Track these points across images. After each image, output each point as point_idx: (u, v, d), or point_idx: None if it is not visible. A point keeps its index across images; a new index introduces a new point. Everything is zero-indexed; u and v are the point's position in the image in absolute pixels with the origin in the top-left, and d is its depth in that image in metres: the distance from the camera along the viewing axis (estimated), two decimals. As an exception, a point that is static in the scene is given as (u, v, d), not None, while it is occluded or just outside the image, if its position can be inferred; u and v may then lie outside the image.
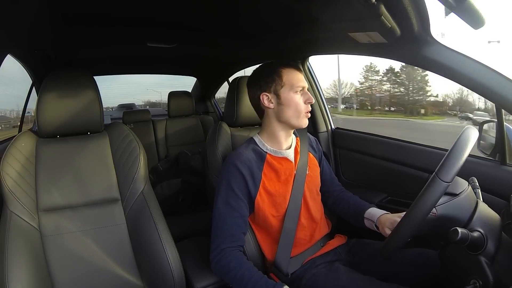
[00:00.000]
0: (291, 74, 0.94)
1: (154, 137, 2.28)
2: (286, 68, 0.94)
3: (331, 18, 1.01)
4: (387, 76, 10.69)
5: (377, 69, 10.52)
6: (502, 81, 0.79)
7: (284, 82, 0.93)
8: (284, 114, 0.94)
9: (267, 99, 0.94)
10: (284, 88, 0.93)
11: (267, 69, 0.96)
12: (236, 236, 0.87)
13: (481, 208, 0.70)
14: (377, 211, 0.96)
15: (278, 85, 0.93)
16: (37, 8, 0.98)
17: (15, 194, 0.85)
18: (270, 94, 0.94)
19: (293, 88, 0.92)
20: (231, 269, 0.82)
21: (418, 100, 10.43)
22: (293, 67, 0.95)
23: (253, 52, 1.66)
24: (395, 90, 10.80)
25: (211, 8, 1.18)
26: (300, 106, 0.93)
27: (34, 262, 0.81)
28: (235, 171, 0.90)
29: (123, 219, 0.97)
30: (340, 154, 1.51)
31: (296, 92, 0.93)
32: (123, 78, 4.32)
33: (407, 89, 10.45)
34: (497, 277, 0.63)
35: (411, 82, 10.29)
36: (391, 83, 10.83)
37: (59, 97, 0.96)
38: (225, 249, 0.85)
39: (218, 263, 0.84)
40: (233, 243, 0.86)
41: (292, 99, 0.92)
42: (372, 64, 10.49)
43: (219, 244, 0.86)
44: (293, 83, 0.92)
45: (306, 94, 0.94)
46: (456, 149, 0.63)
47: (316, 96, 1.54)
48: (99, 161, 1.00)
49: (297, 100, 0.93)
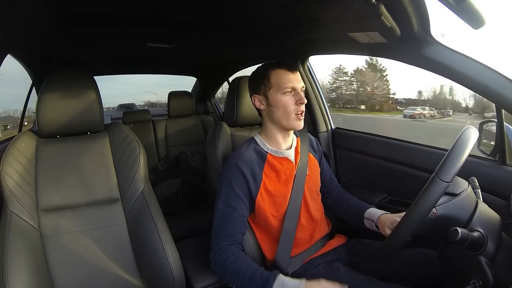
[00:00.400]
0: (279, 75, 0.92)
1: (154, 137, 2.27)
2: (275, 69, 0.93)
3: (331, 18, 1.01)
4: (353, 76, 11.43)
5: (345, 71, 11.27)
6: (502, 81, 0.79)
7: (272, 83, 0.93)
8: (274, 116, 0.94)
9: (258, 101, 0.96)
10: (272, 90, 0.93)
11: (258, 71, 0.97)
12: (235, 236, 0.87)
13: (481, 208, 0.70)
14: (377, 211, 0.96)
15: (267, 87, 0.94)
16: (37, 8, 0.98)
17: (15, 194, 0.85)
18: (260, 96, 0.95)
19: (281, 89, 0.92)
20: (228, 264, 0.82)
21: (374, 98, 11.44)
22: (283, 68, 0.93)
23: (253, 52, 1.66)
24: (355, 89, 11.63)
25: (211, 8, 1.17)
26: (289, 108, 0.91)
27: (34, 262, 0.81)
28: (236, 171, 0.90)
29: (123, 219, 0.97)
30: (340, 154, 1.51)
31: (284, 93, 0.91)
32: (124, 78, 4.31)
33: (365, 89, 11.35)
34: (497, 277, 0.63)
35: (368, 83, 11.13)
36: (353, 83, 11.67)
37: (59, 97, 0.96)
38: (223, 247, 0.85)
39: (217, 261, 0.84)
40: (232, 242, 0.86)
41: (280, 101, 0.92)
42: (341, 66, 11.30)
43: (218, 243, 0.86)
44: (281, 84, 0.92)
45: (298, 94, 0.92)
46: (456, 149, 0.63)
47: (316, 96, 1.53)
48: (99, 161, 1.00)
49: (285, 102, 0.91)
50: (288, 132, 0.98)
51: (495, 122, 0.98)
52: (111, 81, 3.65)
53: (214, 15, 1.26)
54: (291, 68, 0.94)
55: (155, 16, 1.25)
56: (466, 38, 2.20)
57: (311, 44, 1.34)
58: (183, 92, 2.41)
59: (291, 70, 0.93)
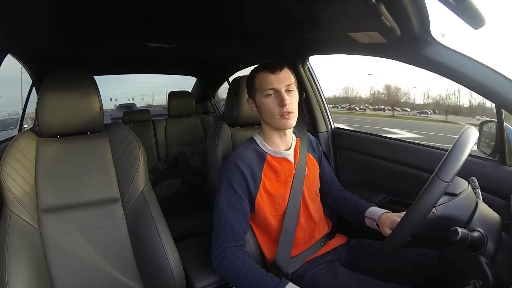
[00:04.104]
0: (261, 77, 0.92)
1: (154, 137, 2.28)
2: (260, 72, 0.93)
3: (331, 18, 1.01)
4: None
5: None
6: (502, 81, 0.79)
7: (256, 86, 0.94)
8: (263, 118, 0.96)
9: (251, 103, 0.98)
10: (257, 93, 0.94)
11: (249, 74, 0.98)
12: (238, 235, 0.87)
13: (481, 208, 0.70)
14: (378, 210, 0.96)
15: (253, 91, 0.95)
16: (37, 8, 0.98)
17: (15, 194, 0.85)
18: (250, 100, 0.98)
19: (262, 92, 0.92)
20: (234, 267, 0.82)
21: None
22: (265, 70, 0.92)
23: (253, 52, 1.66)
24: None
25: (211, 8, 1.18)
26: (272, 109, 0.91)
27: (34, 262, 0.81)
28: (236, 170, 0.90)
29: (123, 219, 0.97)
30: (340, 154, 1.51)
31: (266, 96, 0.91)
32: (133, 78, 4.29)
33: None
34: (497, 277, 0.63)
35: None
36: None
37: (59, 97, 0.96)
38: (228, 248, 0.85)
39: (221, 262, 0.84)
40: (236, 242, 0.86)
41: (263, 103, 0.92)
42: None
43: (222, 243, 0.86)
44: (262, 86, 0.92)
45: (279, 96, 0.89)
46: (456, 149, 0.63)
47: (316, 96, 1.53)
48: (99, 161, 1.00)
49: (268, 104, 0.91)
50: (283, 132, 0.97)
51: (495, 122, 0.98)
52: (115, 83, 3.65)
53: (214, 15, 1.26)
54: (272, 69, 0.91)
55: (155, 16, 1.25)
56: (466, 38, 2.20)
57: (311, 44, 1.34)
58: (183, 92, 2.41)
59: (272, 71, 0.91)
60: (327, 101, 1.55)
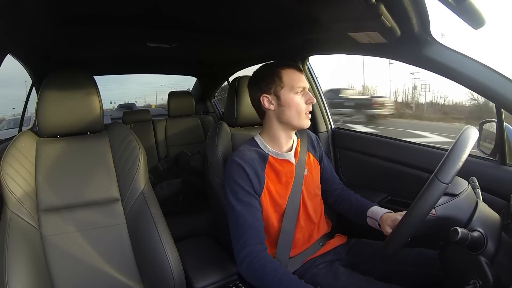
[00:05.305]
0: (291, 74, 0.93)
1: (154, 137, 2.28)
2: (286, 69, 0.94)
3: (332, 18, 1.01)
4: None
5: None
6: (502, 81, 0.79)
7: (284, 83, 0.93)
8: (285, 116, 0.94)
9: (267, 100, 0.94)
10: (284, 89, 0.93)
11: (267, 70, 0.96)
12: (259, 231, 0.85)
13: (481, 208, 0.70)
14: (380, 210, 0.96)
15: (278, 86, 0.93)
16: (37, 8, 0.97)
17: (15, 194, 0.85)
18: (271, 96, 0.94)
19: (294, 89, 0.92)
20: (266, 273, 0.79)
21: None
22: (293, 68, 0.95)
23: (253, 52, 1.66)
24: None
25: (211, 8, 1.17)
26: (301, 107, 0.93)
27: (34, 262, 0.81)
28: (239, 169, 0.90)
29: (123, 219, 0.97)
30: (340, 154, 1.51)
31: (296, 93, 0.92)
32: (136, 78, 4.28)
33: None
34: (497, 277, 0.63)
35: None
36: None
37: (59, 97, 0.96)
38: (252, 246, 0.82)
39: (250, 266, 0.81)
40: (258, 239, 0.84)
41: (293, 100, 0.92)
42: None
43: (245, 243, 0.83)
44: (293, 84, 0.92)
45: (307, 94, 0.94)
46: (455, 149, 0.63)
47: (316, 96, 1.54)
48: (99, 161, 1.00)
49: (298, 101, 0.93)
50: (292, 133, 0.99)
51: (495, 122, 0.98)
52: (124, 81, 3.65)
53: (214, 15, 1.26)
54: (298, 68, 0.97)
55: (155, 16, 1.25)
56: (466, 38, 2.20)
57: (311, 44, 1.34)
58: (183, 92, 2.41)
59: (300, 70, 0.96)
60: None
